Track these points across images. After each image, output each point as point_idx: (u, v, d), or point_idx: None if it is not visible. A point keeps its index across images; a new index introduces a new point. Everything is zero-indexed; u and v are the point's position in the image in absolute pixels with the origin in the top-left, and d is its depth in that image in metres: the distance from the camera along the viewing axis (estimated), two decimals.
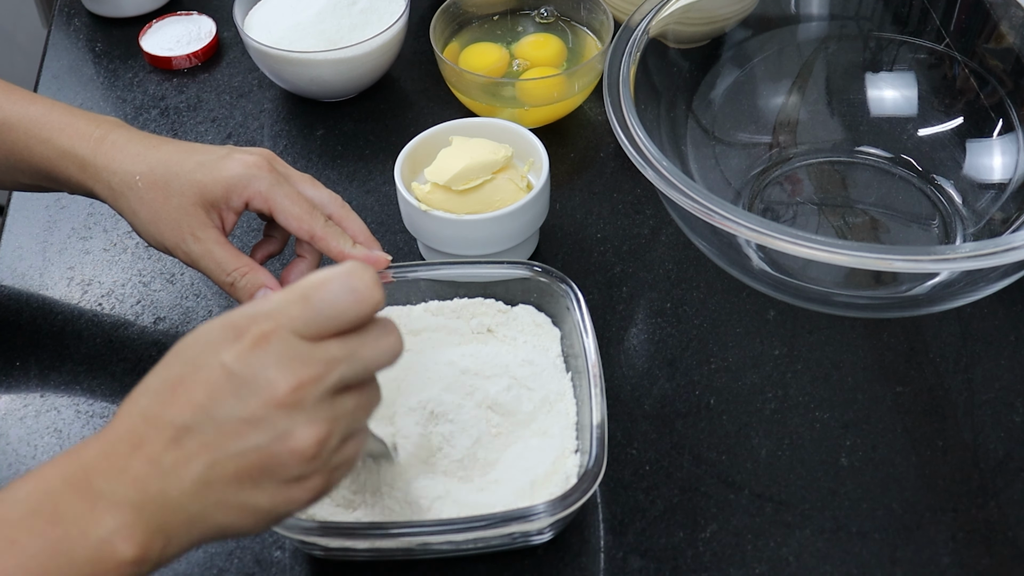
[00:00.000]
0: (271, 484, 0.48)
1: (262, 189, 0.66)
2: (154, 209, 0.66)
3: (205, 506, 0.47)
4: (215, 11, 1.00)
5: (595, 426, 0.60)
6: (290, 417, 0.47)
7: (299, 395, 0.47)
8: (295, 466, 0.48)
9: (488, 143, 0.75)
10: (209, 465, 0.47)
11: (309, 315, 0.47)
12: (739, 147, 0.84)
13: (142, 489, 0.46)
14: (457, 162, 0.72)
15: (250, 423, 0.47)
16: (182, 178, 0.66)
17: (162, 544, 0.47)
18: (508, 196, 0.73)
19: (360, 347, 0.48)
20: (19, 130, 0.69)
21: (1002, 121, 0.79)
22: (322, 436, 0.47)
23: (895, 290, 0.74)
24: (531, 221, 0.75)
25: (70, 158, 0.68)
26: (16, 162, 0.70)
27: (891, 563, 0.62)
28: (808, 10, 0.86)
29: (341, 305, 0.48)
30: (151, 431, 0.47)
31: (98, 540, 0.46)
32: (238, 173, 0.66)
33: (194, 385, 0.47)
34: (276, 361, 0.47)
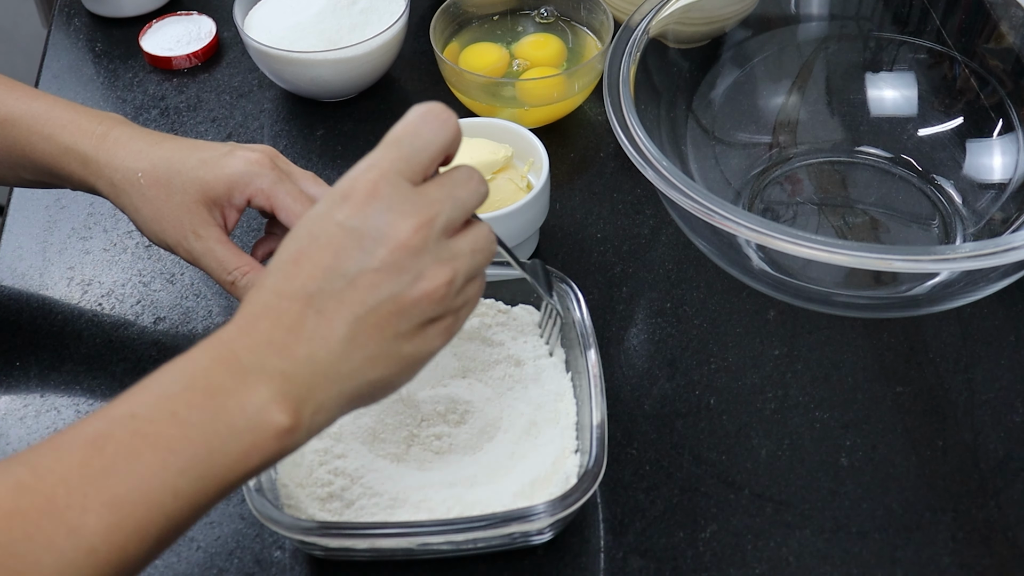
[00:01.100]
0: (411, 328, 0.49)
1: (264, 186, 0.66)
2: (156, 206, 0.66)
3: (353, 363, 0.48)
4: (215, 11, 1.00)
5: (595, 426, 0.60)
6: (419, 259, 0.48)
7: (422, 236, 0.48)
8: (429, 307, 0.49)
9: (488, 143, 0.75)
10: (351, 321, 0.48)
11: (406, 153, 0.49)
12: (739, 147, 0.84)
13: (289, 357, 0.47)
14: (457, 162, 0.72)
15: (382, 272, 0.48)
16: (184, 175, 0.66)
17: (313, 410, 0.48)
18: (508, 196, 0.73)
19: (454, 188, 0.50)
20: (21, 126, 0.69)
21: (1002, 121, 0.79)
22: (449, 276, 0.49)
23: (895, 290, 0.74)
24: (531, 221, 0.75)
25: (72, 155, 0.68)
26: (18, 158, 0.70)
27: (891, 563, 0.62)
28: (808, 10, 0.86)
29: (429, 134, 0.50)
30: (286, 303, 0.48)
31: (254, 410, 0.46)
32: (240, 170, 0.66)
33: (317, 252, 0.48)
34: (390, 207, 0.48)
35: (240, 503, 0.65)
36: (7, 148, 0.70)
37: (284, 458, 0.49)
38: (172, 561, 0.63)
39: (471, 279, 0.51)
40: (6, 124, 0.69)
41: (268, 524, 0.57)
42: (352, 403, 0.50)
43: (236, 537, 0.64)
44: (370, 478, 0.62)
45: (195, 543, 0.64)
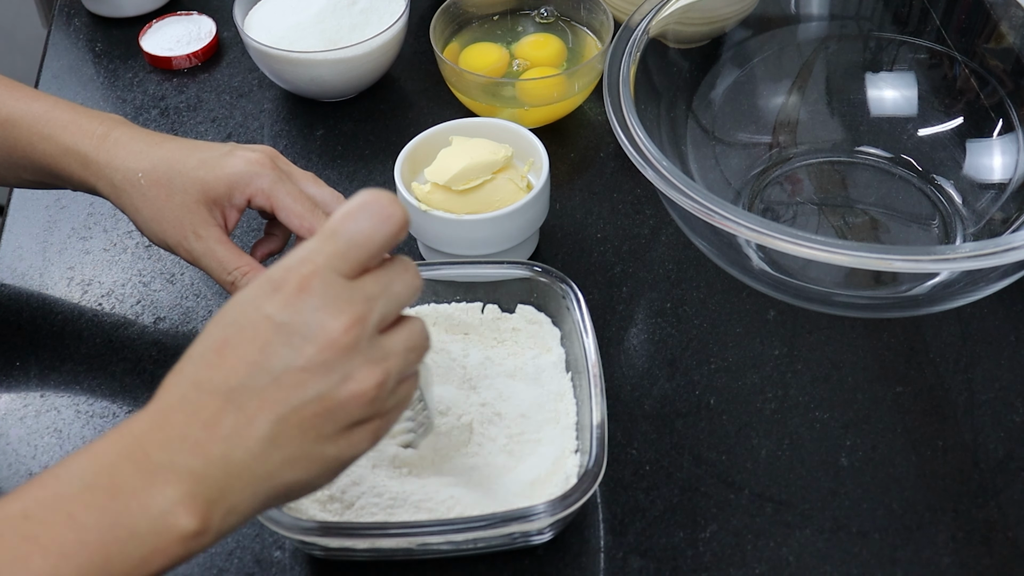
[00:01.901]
0: (336, 431, 0.47)
1: (264, 186, 0.66)
2: (156, 207, 0.66)
3: (271, 464, 0.46)
4: (215, 11, 1.00)
5: (595, 426, 0.60)
6: (349, 359, 0.46)
7: (353, 335, 0.46)
8: (358, 409, 0.47)
9: (488, 143, 0.75)
10: (273, 421, 0.45)
11: (342, 249, 0.47)
12: (739, 147, 0.84)
13: (203, 455, 0.45)
14: (457, 162, 0.72)
15: (309, 371, 0.46)
16: (185, 176, 0.66)
17: (223, 513, 0.45)
18: (508, 196, 0.73)
19: (391, 282, 0.48)
20: (22, 127, 0.69)
21: (1002, 121, 0.79)
22: (381, 377, 0.47)
23: (895, 290, 0.74)
24: (531, 221, 0.75)
25: (72, 155, 0.68)
26: (19, 159, 0.70)
27: (891, 563, 0.62)
28: (808, 10, 0.86)
29: (369, 229, 0.47)
30: (205, 397, 0.46)
31: (159, 512, 0.44)
32: (241, 170, 0.66)
33: (242, 344, 0.46)
34: (323, 304, 0.46)
35: None
36: (7, 148, 0.70)
37: (190, 559, 0.46)
38: None
39: (404, 379, 0.50)
40: (7, 124, 0.69)
41: (268, 524, 0.57)
42: (266, 504, 0.47)
43: (236, 537, 0.64)
44: (370, 478, 0.61)
45: None
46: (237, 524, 0.47)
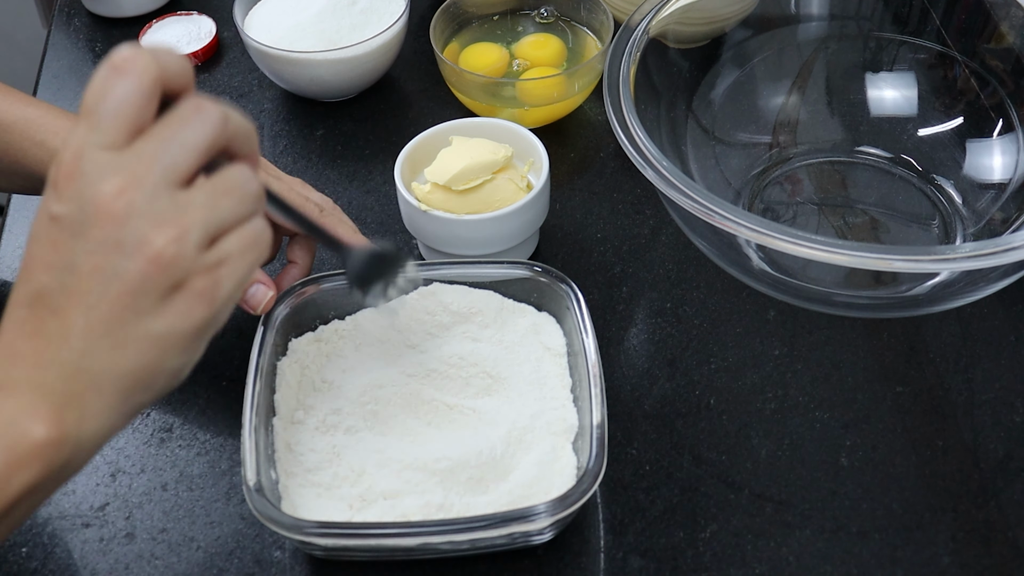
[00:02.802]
0: (152, 304, 0.45)
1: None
2: None
3: (102, 355, 0.45)
4: (215, 11, 1.00)
5: (595, 426, 0.60)
6: (129, 225, 0.44)
7: (126, 199, 0.44)
8: (160, 274, 0.44)
9: (488, 143, 0.75)
10: (84, 311, 0.44)
11: (95, 120, 0.44)
12: (739, 147, 0.84)
13: (35, 364, 0.45)
14: (457, 162, 0.72)
15: (99, 252, 0.44)
16: None
17: (77, 417, 0.45)
18: (508, 196, 0.73)
19: (167, 130, 0.45)
20: (15, 132, 0.69)
21: (1002, 121, 0.79)
22: (174, 233, 0.44)
23: (895, 290, 0.74)
24: (531, 221, 0.75)
25: None
26: (10, 164, 0.70)
27: (891, 563, 0.62)
28: (808, 10, 0.86)
29: (116, 92, 0.44)
30: (22, 310, 0.45)
31: (5, 423, 0.44)
32: None
33: (38, 249, 0.45)
34: (92, 180, 0.44)
35: (240, 503, 0.65)
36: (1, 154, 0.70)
37: (64, 479, 0.45)
38: (172, 561, 0.63)
39: (226, 229, 0.46)
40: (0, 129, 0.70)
41: (268, 524, 0.57)
42: (126, 400, 0.46)
43: (236, 537, 0.64)
44: (370, 479, 0.61)
45: (195, 543, 0.64)
46: (102, 429, 0.46)
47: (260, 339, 0.65)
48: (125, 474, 0.67)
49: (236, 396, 0.71)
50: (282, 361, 0.66)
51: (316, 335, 0.68)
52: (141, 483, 0.67)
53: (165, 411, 0.70)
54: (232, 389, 0.71)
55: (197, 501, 0.66)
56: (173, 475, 0.67)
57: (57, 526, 0.65)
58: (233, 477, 0.67)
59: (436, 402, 0.66)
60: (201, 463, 0.68)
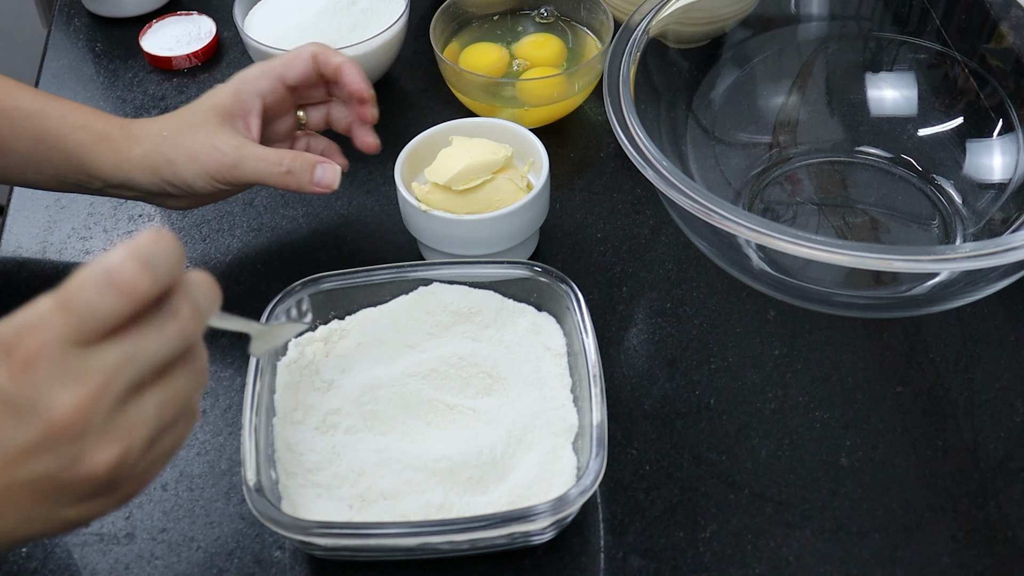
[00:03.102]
0: (73, 502, 0.45)
1: (264, 86, 0.72)
2: (186, 148, 0.70)
3: (7, 524, 0.45)
4: (215, 11, 1.00)
5: (595, 426, 0.60)
6: (77, 442, 0.42)
7: (83, 415, 0.42)
8: (93, 487, 0.44)
9: (488, 143, 0.75)
10: (4, 490, 0.43)
11: (73, 322, 0.42)
12: (739, 147, 0.84)
13: None
14: (457, 162, 0.72)
15: (35, 452, 0.42)
16: (199, 113, 0.71)
17: None
18: (508, 196, 0.73)
19: (141, 342, 0.43)
20: (54, 117, 0.71)
21: (1002, 121, 0.79)
22: (118, 454, 0.43)
23: (895, 290, 0.74)
24: (531, 221, 0.75)
25: (106, 142, 0.70)
26: (46, 151, 0.71)
27: (891, 563, 0.62)
28: (808, 10, 0.86)
29: (103, 305, 0.41)
30: None
31: None
32: (239, 81, 0.72)
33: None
34: (50, 380, 0.42)
35: (240, 503, 0.65)
36: (34, 140, 0.71)
37: None
38: (172, 561, 0.63)
39: (162, 435, 0.45)
40: (38, 116, 0.71)
41: (268, 524, 0.57)
42: (12, 546, 0.46)
43: (236, 537, 0.64)
44: (370, 479, 0.61)
45: (195, 543, 0.64)
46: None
47: None
48: None
49: (236, 396, 0.71)
50: (282, 361, 0.66)
51: (316, 335, 0.68)
52: None
53: None
54: (232, 389, 0.71)
55: (197, 501, 0.66)
56: (173, 475, 0.67)
57: None
58: (233, 477, 0.67)
59: (436, 402, 0.66)
60: (201, 463, 0.68)
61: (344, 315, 0.70)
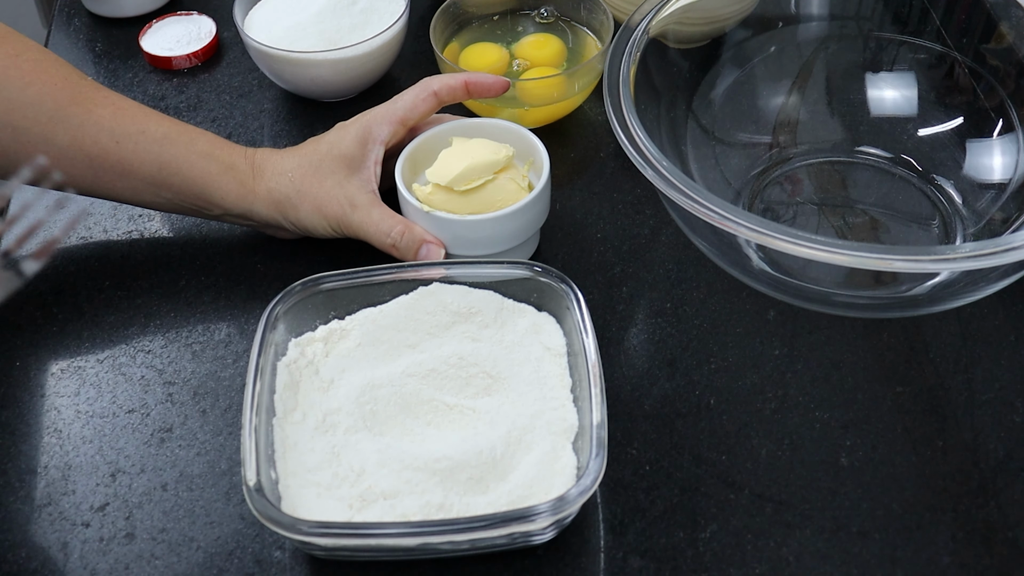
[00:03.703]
0: None
1: (387, 132, 0.74)
2: (312, 196, 0.72)
3: None
4: (215, 11, 1.00)
5: (595, 426, 0.60)
6: None
7: None
8: None
9: (489, 143, 0.75)
10: None
11: None
12: (739, 147, 0.84)
13: None
14: (458, 163, 0.72)
15: None
16: (327, 161, 0.73)
17: None
18: (509, 196, 0.73)
19: None
20: (180, 144, 0.72)
21: (1002, 121, 0.79)
22: None
23: (895, 290, 0.74)
24: (533, 221, 0.75)
25: (232, 172, 0.72)
26: (168, 176, 0.72)
27: (891, 563, 0.62)
28: (808, 10, 0.86)
29: None
30: None
31: None
32: (364, 129, 0.73)
33: None
34: None
35: (240, 503, 0.65)
36: (158, 165, 0.72)
37: None
38: (172, 561, 0.63)
39: None
40: (164, 141, 0.72)
41: (268, 524, 0.57)
42: None
43: (236, 537, 0.64)
44: (370, 479, 0.61)
45: (195, 543, 0.64)
46: None
47: (260, 339, 0.65)
48: (125, 474, 0.67)
49: (236, 396, 0.71)
50: (282, 361, 0.66)
51: (316, 335, 0.68)
52: (141, 483, 0.67)
53: (165, 411, 0.70)
54: (232, 389, 0.71)
55: (197, 501, 0.66)
56: (173, 475, 0.67)
57: (57, 526, 0.65)
58: (233, 477, 0.67)
59: (436, 402, 0.66)
60: (201, 463, 0.68)
61: (344, 315, 0.70)
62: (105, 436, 0.69)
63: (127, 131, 0.72)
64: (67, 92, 0.73)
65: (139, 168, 0.72)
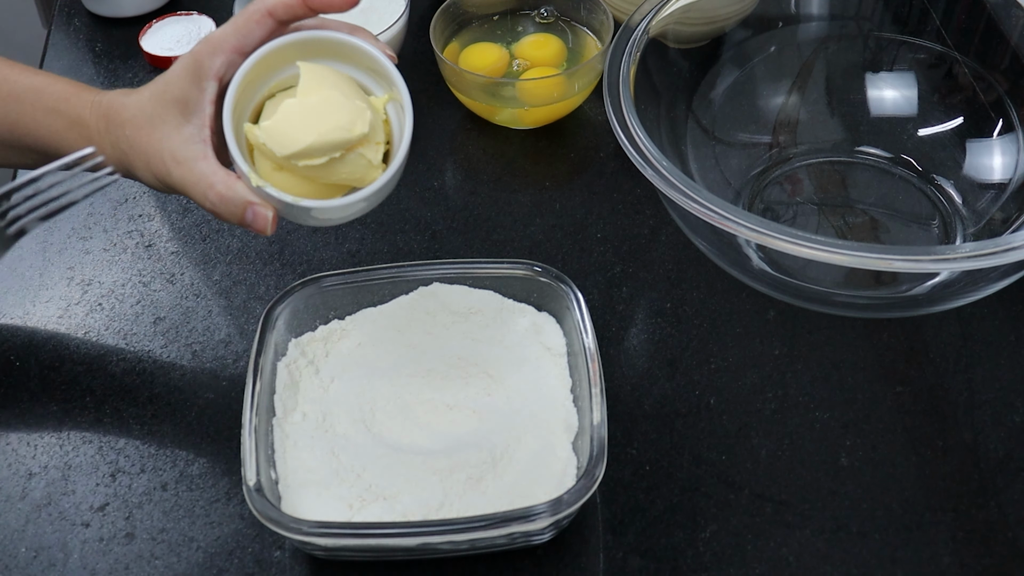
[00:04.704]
0: None
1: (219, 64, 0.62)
2: (142, 151, 0.63)
3: None
4: (215, 11, 1.00)
5: (595, 426, 0.60)
6: None
7: None
8: None
9: (343, 97, 0.60)
10: None
11: None
12: (739, 147, 0.84)
13: None
14: (302, 129, 0.59)
15: None
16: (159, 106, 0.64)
17: None
18: (357, 173, 0.61)
19: None
20: (25, 102, 0.67)
21: (1002, 121, 0.79)
22: None
23: (895, 290, 0.74)
24: (382, 197, 0.63)
25: (79, 128, 0.66)
26: (22, 136, 0.68)
27: (891, 563, 0.62)
28: (808, 10, 0.86)
29: None
30: None
31: None
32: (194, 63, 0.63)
33: None
34: None
35: (240, 503, 0.65)
36: (9, 125, 0.68)
37: None
38: (172, 561, 0.63)
39: None
40: (9, 100, 0.67)
41: (268, 524, 0.57)
42: None
43: (236, 537, 0.64)
44: (370, 479, 0.62)
45: (195, 543, 0.64)
46: None
47: (260, 339, 0.65)
48: (125, 474, 0.67)
49: (236, 396, 0.71)
50: (282, 361, 0.66)
51: (316, 335, 0.68)
52: (141, 483, 0.67)
53: (165, 412, 0.70)
54: (232, 389, 0.71)
55: (197, 501, 0.66)
56: (173, 475, 0.67)
57: (57, 526, 0.65)
58: (233, 477, 0.67)
59: (436, 402, 0.66)
60: (201, 463, 0.68)
61: (344, 315, 0.70)
62: (105, 436, 0.69)
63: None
64: None
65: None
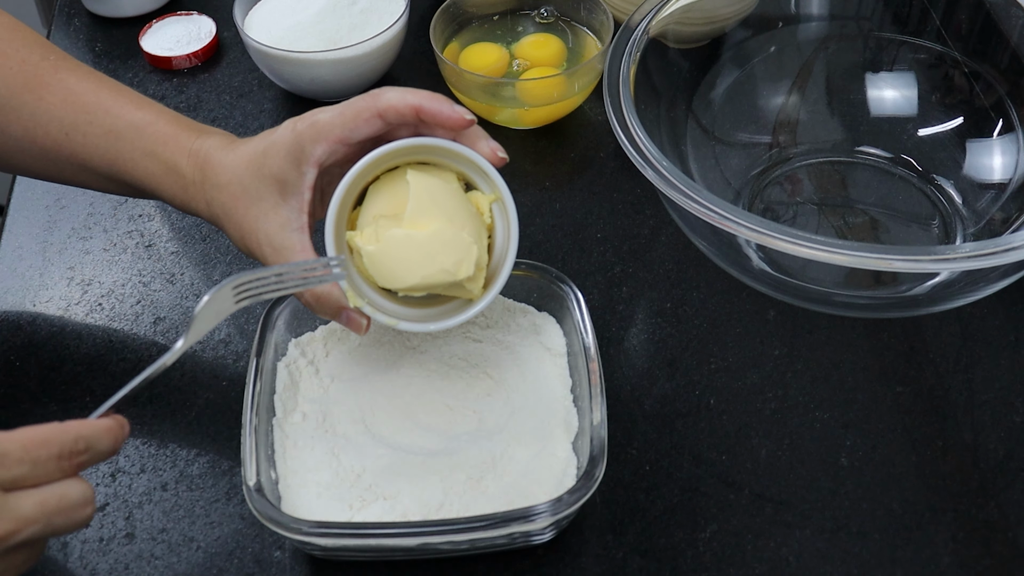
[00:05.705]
0: None
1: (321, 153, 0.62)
2: (236, 222, 0.64)
3: None
4: (215, 11, 1.00)
5: (595, 426, 0.60)
6: None
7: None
8: None
9: (451, 224, 0.61)
10: None
11: (4, 469, 0.49)
12: (739, 147, 0.84)
13: None
14: (405, 272, 0.61)
15: None
16: (258, 182, 0.63)
17: None
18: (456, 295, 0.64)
19: (55, 516, 0.50)
20: (125, 140, 0.66)
21: (1002, 121, 0.79)
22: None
23: (895, 290, 0.74)
24: None
25: (174, 175, 0.65)
26: (118, 173, 0.67)
27: (891, 563, 0.62)
28: (808, 10, 0.86)
29: (36, 471, 0.50)
30: None
31: None
32: (295, 145, 0.62)
33: None
34: None
35: (240, 503, 0.65)
36: (109, 162, 0.67)
37: None
38: (172, 561, 0.63)
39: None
40: (111, 136, 0.66)
41: (268, 524, 0.57)
42: None
43: (236, 537, 0.64)
44: (370, 479, 0.62)
45: (195, 543, 0.64)
46: None
47: (260, 339, 0.65)
48: (125, 474, 0.67)
49: (236, 396, 0.71)
50: (282, 361, 0.66)
51: (316, 335, 0.68)
52: (141, 483, 0.67)
53: (165, 412, 0.70)
54: (232, 389, 0.71)
55: (197, 501, 0.66)
56: (173, 475, 0.67)
57: None
58: (233, 477, 0.67)
59: (436, 402, 0.66)
60: (201, 463, 0.68)
61: None
62: None
63: (75, 122, 0.66)
64: (21, 76, 0.68)
65: (91, 163, 0.67)
